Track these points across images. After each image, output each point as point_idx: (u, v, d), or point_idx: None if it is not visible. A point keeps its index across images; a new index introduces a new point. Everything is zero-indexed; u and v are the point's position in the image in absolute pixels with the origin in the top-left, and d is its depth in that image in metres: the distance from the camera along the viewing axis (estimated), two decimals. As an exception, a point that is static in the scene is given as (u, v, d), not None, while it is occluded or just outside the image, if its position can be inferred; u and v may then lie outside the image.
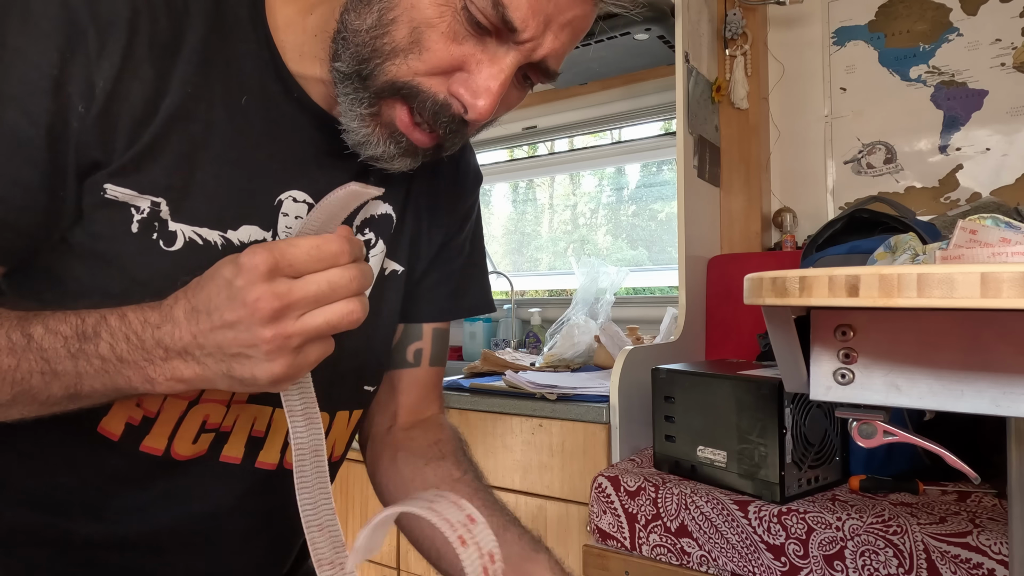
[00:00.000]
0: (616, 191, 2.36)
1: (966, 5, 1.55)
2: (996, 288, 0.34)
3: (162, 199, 0.52)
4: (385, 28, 0.51)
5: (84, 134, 0.49)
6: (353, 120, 0.54)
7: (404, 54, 0.51)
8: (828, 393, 0.48)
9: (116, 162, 0.50)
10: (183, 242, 0.53)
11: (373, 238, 0.64)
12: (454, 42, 0.51)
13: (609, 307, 1.96)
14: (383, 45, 0.51)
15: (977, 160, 1.54)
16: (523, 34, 0.50)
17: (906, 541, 0.87)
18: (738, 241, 1.71)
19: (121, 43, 0.48)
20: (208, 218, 0.54)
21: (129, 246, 0.51)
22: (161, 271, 0.52)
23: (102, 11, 0.48)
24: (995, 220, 0.61)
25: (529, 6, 0.49)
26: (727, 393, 1.06)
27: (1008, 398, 0.41)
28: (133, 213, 0.51)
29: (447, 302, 0.75)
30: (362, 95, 0.53)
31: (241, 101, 0.54)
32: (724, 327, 1.60)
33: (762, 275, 0.44)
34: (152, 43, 0.50)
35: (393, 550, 1.69)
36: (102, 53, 0.48)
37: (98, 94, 0.48)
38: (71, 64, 0.47)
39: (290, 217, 0.58)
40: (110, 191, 0.50)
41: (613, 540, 1.13)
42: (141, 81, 0.50)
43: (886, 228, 1.14)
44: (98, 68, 0.48)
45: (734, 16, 1.69)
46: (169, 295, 0.47)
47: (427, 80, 0.52)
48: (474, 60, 0.52)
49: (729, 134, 1.73)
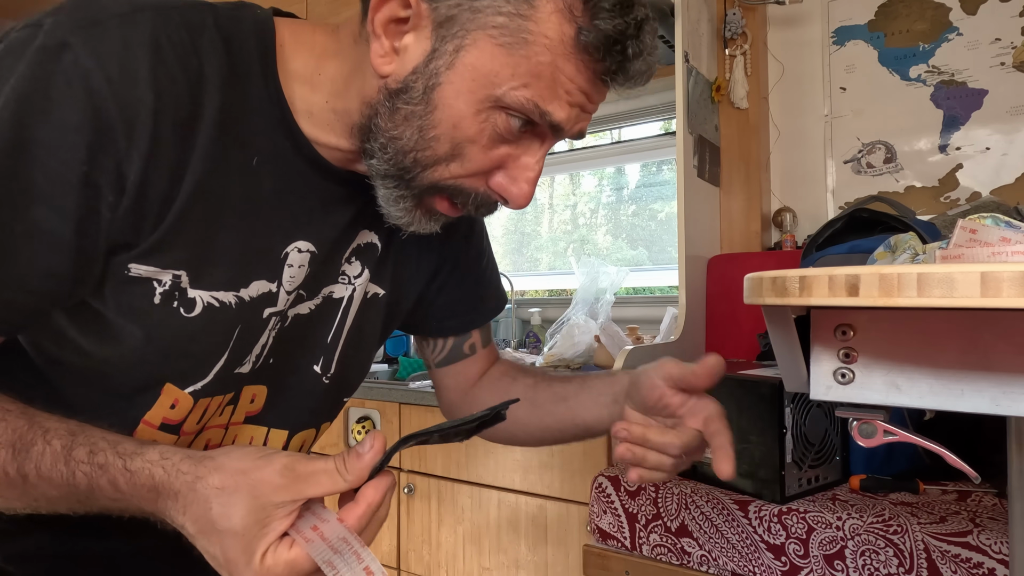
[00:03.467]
0: (616, 191, 2.36)
1: (966, 4, 1.55)
2: (996, 287, 0.34)
3: (183, 271, 0.54)
4: (427, 144, 0.54)
5: (115, 223, 0.50)
6: (393, 208, 0.58)
7: (446, 163, 0.55)
8: (828, 393, 0.48)
9: (142, 244, 0.52)
10: (202, 307, 0.56)
11: (359, 265, 0.68)
12: (492, 149, 0.55)
13: (609, 307, 1.96)
14: (425, 158, 0.54)
15: (977, 159, 1.54)
16: (562, 132, 0.55)
17: (906, 540, 0.87)
18: (738, 241, 1.71)
19: (148, 131, 0.48)
20: (224, 282, 0.56)
21: (151, 316, 0.54)
22: (180, 334, 0.55)
23: (128, 101, 0.47)
24: (995, 219, 0.61)
25: (569, 105, 0.54)
26: (727, 393, 1.06)
27: (1008, 397, 0.41)
28: (155, 286, 0.53)
29: (483, 305, 0.83)
30: (404, 192, 0.57)
31: (252, 162, 0.56)
32: (724, 327, 1.60)
33: (762, 275, 0.44)
34: (175, 123, 0.50)
35: (393, 550, 1.69)
36: (131, 145, 0.48)
37: (128, 187, 0.49)
38: (101, 158, 0.47)
39: (294, 267, 0.61)
40: (134, 270, 0.52)
41: (613, 540, 1.13)
42: (167, 163, 0.50)
43: (886, 228, 1.14)
44: (128, 160, 0.48)
45: (734, 16, 1.69)
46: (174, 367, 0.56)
47: (468, 180, 0.56)
48: (511, 158, 0.56)
49: (729, 134, 1.73)
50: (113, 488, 0.48)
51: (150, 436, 0.58)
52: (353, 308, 0.68)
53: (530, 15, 0.50)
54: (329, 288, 0.66)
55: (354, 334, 0.70)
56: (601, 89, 0.55)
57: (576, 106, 0.54)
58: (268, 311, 0.60)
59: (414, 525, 1.65)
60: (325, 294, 0.66)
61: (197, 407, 0.60)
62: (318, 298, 0.65)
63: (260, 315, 0.60)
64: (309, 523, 0.47)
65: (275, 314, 0.61)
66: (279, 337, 0.63)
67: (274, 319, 0.61)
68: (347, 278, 0.67)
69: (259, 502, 0.45)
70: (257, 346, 0.61)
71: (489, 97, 0.52)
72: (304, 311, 0.65)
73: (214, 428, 0.63)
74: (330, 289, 0.66)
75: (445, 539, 1.60)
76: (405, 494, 1.66)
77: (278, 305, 0.61)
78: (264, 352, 0.62)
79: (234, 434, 0.66)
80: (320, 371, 0.68)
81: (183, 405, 0.58)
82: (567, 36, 0.51)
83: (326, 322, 0.67)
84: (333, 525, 0.47)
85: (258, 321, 0.60)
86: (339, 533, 0.47)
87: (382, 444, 0.48)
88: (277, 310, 0.61)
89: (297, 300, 0.63)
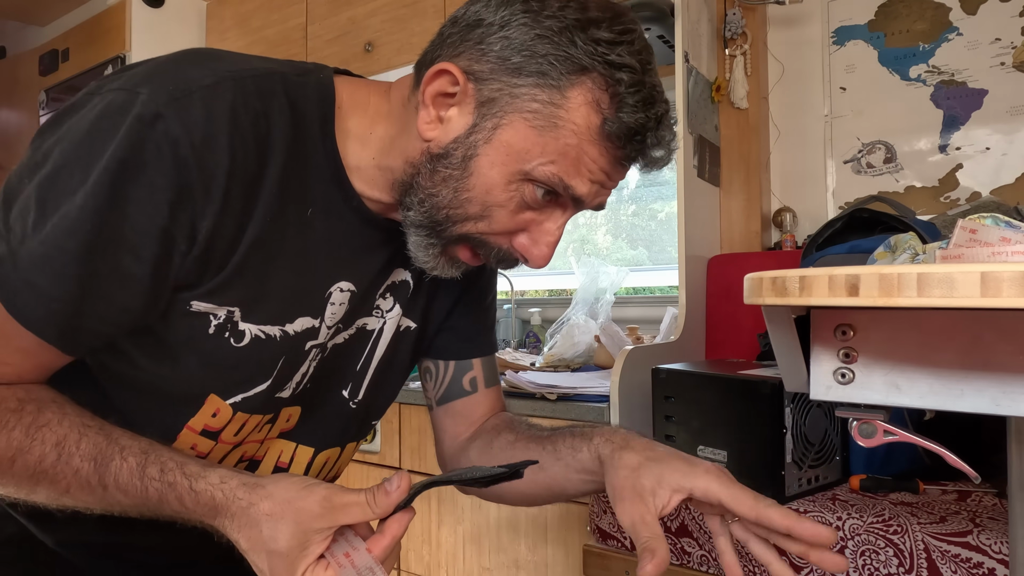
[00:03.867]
0: (616, 191, 2.35)
1: (966, 4, 1.54)
2: (996, 287, 0.34)
3: (237, 308, 0.60)
4: (460, 203, 0.60)
5: (184, 267, 0.56)
6: (422, 254, 0.63)
7: (475, 221, 0.60)
8: (828, 392, 0.48)
9: (205, 285, 0.58)
10: (249, 339, 0.62)
11: (392, 301, 0.74)
12: (519, 214, 0.61)
13: (609, 307, 1.96)
14: (457, 215, 0.60)
15: (977, 159, 1.54)
16: (583, 204, 0.62)
17: (906, 540, 0.87)
18: (738, 241, 1.71)
19: (221, 190, 0.55)
20: (271, 318, 0.62)
21: (204, 344, 0.60)
22: (227, 361, 0.62)
23: (207, 164, 0.54)
24: (995, 219, 0.61)
25: (591, 182, 0.59)
26: (727, 393, 1.06)
27: (1008, 397, 0.41)
28: (211, 320, 0.60)
29: (484, 337, 0.85)
30: (433, 241, 0.62)
31: (307, 213, 0.62)
32: (724, 327, 1.60)
33: (762, 275, 0.44)
34: (243, 182, 0.56)
35: (393, 550, 1.69)
36: (206, 202, 0.54)
37: (200, 238, 0.55)
38: (179, 214, 0.54)
39: (335, 305, 0.67)
40: (195, 306, 0.59)
41: (613, 540, 1.13)
42: (233, 216, 0.57)
43: (886, 227, 1.14)
44: (201, 216, 0.55)
45: (734, 16, 1.69)
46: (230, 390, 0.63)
47: (493, 237, 0.62)
48: (535, 223, 0.62)
49: (729, 134, 1.73)
50: (179, 504, 0.56)
51: (191, 440, 0.65)
52: (384, 339, 0.74)
53: (562, 104, 0.56)
54: (363, 320, 0.72)
55: (384, 364, 0.76)
56: (621, 171, 0.61)
57: (597, 183, 0.60)
58: (310, 344, 0.66)
59: (414, 525, 1.65)
60: (359, 325, 0.72)
61: (236, 419, 0.65)
62: (352, 328, 0.71)
63: (303, 347, 0.66)
64: (342, 549, 0.55)
65: (316, 346, 0.67)
66: (319, 366, 0.70)
67: (315, 351, 0.68)
68: (380, 311, 0.73)
69: (301, 528, 0.53)
70: (298, 375, 0.67)
71: (520, 171, 0.58)
72: (340, 341, 0.71)
73: (251, 443, 0.69)
74: (364, 321, 0.72)
75: (445, 539, 1.60)
76: (405, 494, 1.66)
77: (319, 339, 0.67)
78: (304, 380, 0.69)
79: (267, 447, 0.72)
80: (348, 396, 0.74)
81: (223, 415, 0.64)
82: (593, 125, 0.57)
83: (357, 351, 0.73)
84: (362, 554, 0.55)
85: (300, 353, 0.66)
86: (366, 562, 0.55)
87: (407, 483, 0.56)
88: (318, 343, 0.67)
89: (336, 332, 0.69)
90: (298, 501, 0.54)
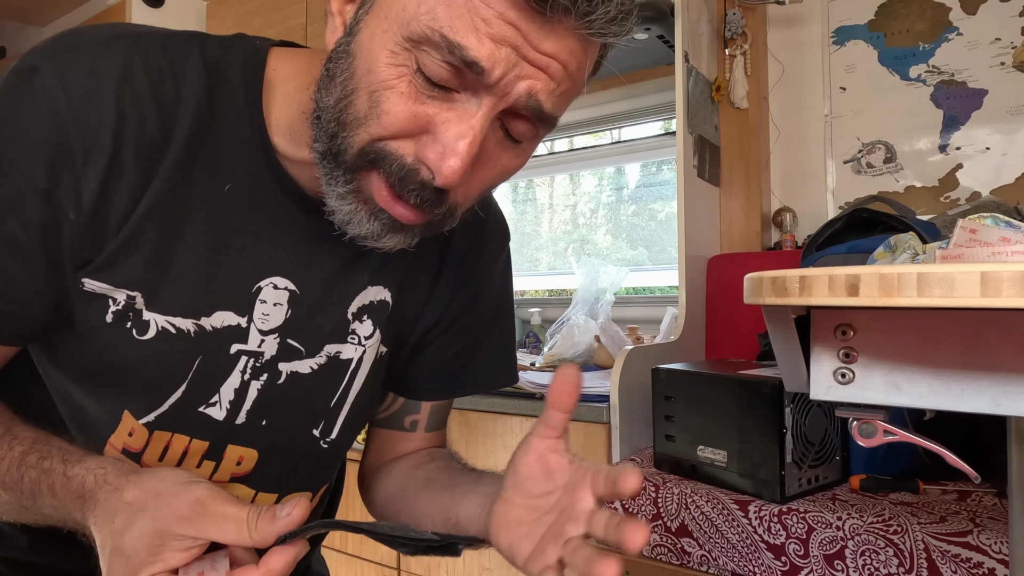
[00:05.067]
0: (616, 191, 2.36)
1: (966, 4, 1.54)
2: (996, 287, 0.34)
3: (138, 292, 0.53)
4: (348, 99, 0.48)
5: (75, 238, 0.51)
6: (335, 199, 0.52)
7: (366, 122, 0.48)
8: (828, 392, 0.48)
9: (96, 260, 0.52)
10: (155, 331, 0.54)
11: (372, 326, 0.64)
12: (415, 102, 0.47)
13: (609, 307, 1.96)
14: (347, 117, 0.49)
15: (977, 159, 1.54)
16: (492, 74, 0.45)
17: (906, 540, 0.87)
18: (738, 241, 1.71)
19: (107, 152, 0.50)
20: (182, 307, 0.55)
21: (104, 335, 0.54)
22: (132, 358, 0.54)
23: (88, 122, 0.49)
24: (995, 219, 0.61)
25: (491, 39, 0.44)
26: (727, 393, 1.06)
27: (1008, 397, 0.41)
28: (109, 304, 0.53)
29: (446, 382, 0.72)
30: (337, 172, 0.51)
31: (224, 188, 0.55)
32: (724, 327, 1.60)
33: (762, 275, 0.44)
34: (139, 145, 0.51)
35: (393, 550, 1.69)
36: (87, 164, 0.49)
37: (85, 204, 0.50)
38: (60, 176, 0.49)
39: (268, 304, 0.58)
40: (87, 284, 0.53)
41: (613, 540, 1.13)
42: (127, 183, 0.51)
43: (886, 227, 1.14)
44: (84, 180, 0.50)
45: (734, 16, 1.69)
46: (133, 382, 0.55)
47: (393, 143, 0.48)
48: (440, 120, 0.47)
49: (729, 134, 1.73)
50: (51, 494, 0.48)
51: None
52: (362, 371, 0.65)
53: None
54: (335, 347, 0.62)
55: (364, 399, 0.66)
56: (539, 25, 0.44)
57: (504, 44, 0.44)
58: (236, 347, 0.58)
59: (414, 525, 1.65)
60: (330, 353, 0.62)
61: (155, 440, 0.57)
62: (320, 356, 0.62)
63: (226, 349, 0.57)
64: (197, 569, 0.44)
65: (246, 353, 0.58)
66: (271, 395, 0.60)
67: (246, 360, 0.58)
68: (357, 338, 0.63)
69: (157, 527, 0.43)
70: (227, 387, 0.58)
71: (401, 35, 0.46)
72: (304, 370, 0.61)
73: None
74: (336, 349, 0.62)
75: (445, 539, 1.60)
76: (405, 494, 1.66)
77: (248, 344, 0.58)
78: (248, 406, 0.59)
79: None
80: (319, 435, 0.64)
81: (139, 435, 0.57)
82: None
83: (330, 385, 0.63)
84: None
85: (223, 356, 0.57)
86: None
87: (301, 514, 0.44)
88: (247, 349, 0.58)
89: (290, 353, 0.60)
90: (167, 496, 0.44)
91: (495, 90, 0.46)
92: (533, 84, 0.46)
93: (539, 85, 0.46)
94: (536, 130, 0.50)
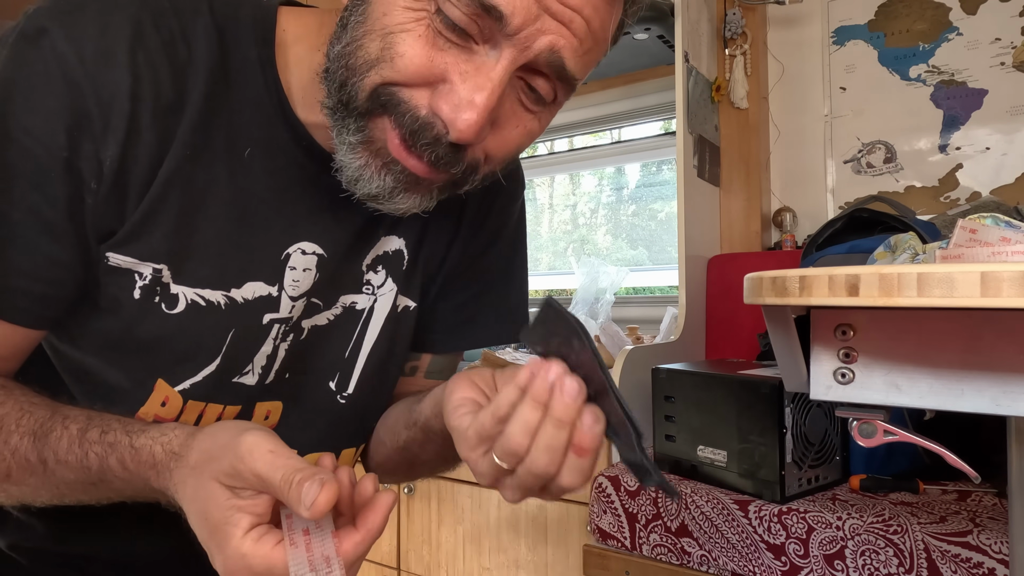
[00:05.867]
0: (616, 191, 2.36)
1: (966, 4, 1.54)
2: (996, 287, 0.34)
3: (164, 265, 0.52)
4: (358, 42, 0.46)
5: (98, 207, 0.49)
6: (344, 151, 0.49)
7: (378, 64, 0.46)
8: (828, 392, 0.48)
9: (120, 232, 0.50)
10: (185, 305, 0.53)
11: (384, 275, 0.63)
12: (432, 47, 0.45)
13: (609, 307, 1.96)
14: (356, 60, 0.47)
15: (977, 159, 1.54)
16: (512, 21, 0.43)
17: (906, 540, 0.87)
18: (738, 241, 1.71)
19: (125, 116, 0.48)
20: (210, 279, 0.53)
21: (132, 310, 0.52)
22: (164, 332, 0.53)
23: (105, 85, 0.47)
24: (995, 219, 0.61)
25: None
26: (727, 393, 1.06)
27: (1008, 397, 0.41)
28: (136, 279, 0.52)
29: (451, 333, 0.70)
30: (348, 120, 0.49)
31: (244, 154, 0.53)
32: (724, 327, 1.60)
33: (762, 275, 0.44)
34: (155, 108, 0.49)
35: (393, 550, 1.69)
36: (107, 130, 0.47)
37: (106, 172, 0.48)
38: (80, 143, 0.47)
39: (298, 271, 0.56)
40: (112, 259, 0.51)
41: (613, 540, 1.13)
42: (145, 148, 0.49)
43: (886, 227, 1.14)
44: (104, 146, 0.48)
45: (734, 16, 1.69)
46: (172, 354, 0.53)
47: (406, 91, 0.46)
48: (457, 71, 0.45)
49: (729, 134, 1.73)
50: (121, 467, 0.47)
51: None
52: (375, 321, 0.63)
53: None
54: (350, 298, 0.62)
55: (381, 352, 0.64)
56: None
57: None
58: (269, 317, 0.57)
59: (414, 525, 1.65)
60: (346, 304, 0.62)
61: (189, 409, 0.56)
62: (336, 307, 0.61)
63: (259, 320, 0.56)
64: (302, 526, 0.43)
65: (278, 321, 0.57)
66: (294, 350, 0.60)
67: (278, 327, 0.58)
68: (371, 287, 0.62)
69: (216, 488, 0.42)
70: (260, 355, 0.58)
71: None
72: (322, 322, 0.61)
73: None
74: (351, 299, 0.62)
75: (445, 539, 1.60)
76: (405, 494, 1.66)
77: (280, 311, 0.57)
78: (277, 366, 0.59)
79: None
80: (335, 388, 0.63)
81: (173, 404, 0.56)
82: None
83: (344, 335, 0.63)
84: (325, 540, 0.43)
85: (257, 327, 0.56)
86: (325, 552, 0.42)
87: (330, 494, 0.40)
88: (279, 317, 0.57)
89: (312, 310, 0.60)
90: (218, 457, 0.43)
91: (515, 41, 0.44)
92: (556, 40, 0.45)
93: (562, 41, 0.45)
94: (556, 92, 0.49)
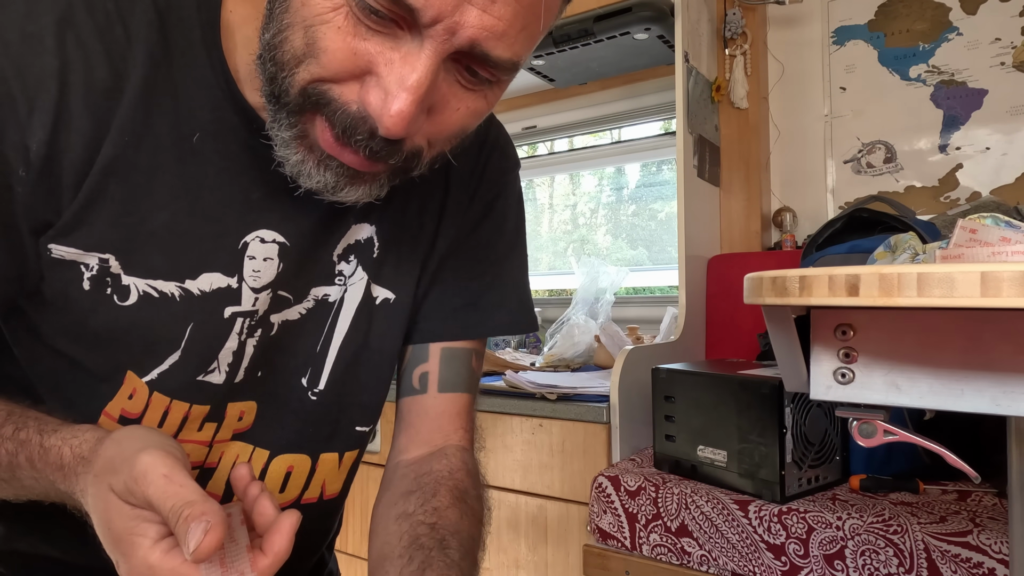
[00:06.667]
0: (616, 191, 2.36)
1: (966, 4, 1.54)
2: (996, 287, 0.34)
3: (110, 255, 0.50)
4: (282, 35, 0.45)
5: (28, 197, 0.47)
6: (280, 146, 0.48)
7: (304, 60, 0.44)
8: (828, 392, 0.48)
9: (59, 221, 0.48)
10: (137, 296, 0.51)
11: (355, 264, 0.61)
12: (355, 37, 0.43)
13: (609, 307, 1.96)
14: (283, 55, 0.45)
15: (977, 159, 1.54)
16: (426, 13, 0.41)
17: (906, 540, 0.87)
18: (738, 241, 1.71)
19: (52, 100, 0.46)
20: (162, 270, 0.51)
21: (83, 302, 0.50)
22: (119, 325, 0.51)
23: (30, 69, 0.45)
24: (995, 219, 0.61)
25: None
26: (727, 393, 1.06)
27: (1008, 397, 0.41)
28: (83, 271, 0.50)
29: (454, 318, 0.66)
30: (281, 115, 0.47)
31: (192, 139, 0.51)
32: (724, 327, 1.60)
33: (762, 275, 0.44)
34: (88, 92, 0.47)
35: (393, 550, 1.69)
36: (32, 114, 0.46)
37: (33, 158, 0.46)
38: (4, 130, 0.45)
39: (257, 260, 0.54)
40: (55, 251, 0.49)
41: (613, 540, 1.13)
42: (79, 134, 0.47)
43: (886, 227, 1.14)
44: (30, 131, 0.46)
45: (734, 16, 1.69)
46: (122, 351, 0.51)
47: (336, 88, 0.45)
48: (383, 60, 0.43)
49: (729, 134, 1.73)
50: (30, 465, 0.46)
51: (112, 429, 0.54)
52: (345, 312, 0.61)
53: None
54: (322, 290, 0.60)
55: (354, 345, 0.62)
56: None
57: None
58: (231, 310, 0.54)
59: (414, 525, 1.65)
60: (318, 297, 0.60)
61: (155, 403, 0.54)
62: (308, 301, 0.59)
63: (219, 314, 0.54)
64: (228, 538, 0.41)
65: (242, 315, 0.55)
66: (264, 347, 0.58)
67: (242, 321, 0.55)
68: (342, 278, 0.60)
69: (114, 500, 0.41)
70: (225, 352, 0.55)
71: None
72: (294, 316, 0.59)
73: (194, 443, 0.57)
74: (324, 291, 0.60)
75: (445, 539, 1.60)
76: (405, 494, 1.66)
77: (242, 304, 0.55)
78: (246, 363, 0.57)
79: (220, 451, 0.59)
80: (306, 384, 0.61)
81: (139, 396, 0.54)
82: None
83: (316, 329, 0.60)
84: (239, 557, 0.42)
85: (218, 320, 0.54)
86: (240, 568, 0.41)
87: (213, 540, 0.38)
88: (242, 310, 0.55)
89: (280, 304, 0.57)
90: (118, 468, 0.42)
91: (434, 32, 0.42)
92: (477, 32, 0.42)
93: (484, 32, 0.42)
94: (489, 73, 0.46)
